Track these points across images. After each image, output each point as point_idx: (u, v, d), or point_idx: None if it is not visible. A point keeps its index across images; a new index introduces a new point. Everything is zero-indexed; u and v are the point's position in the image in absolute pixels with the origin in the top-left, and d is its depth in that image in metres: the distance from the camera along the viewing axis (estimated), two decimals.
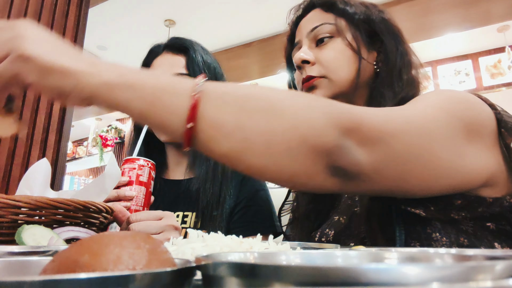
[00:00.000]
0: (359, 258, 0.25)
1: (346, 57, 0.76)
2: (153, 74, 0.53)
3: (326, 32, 0.78)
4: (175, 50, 1.01)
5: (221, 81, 1.05)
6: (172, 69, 0.98)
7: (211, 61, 1.03)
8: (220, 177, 0.94)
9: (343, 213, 0.74)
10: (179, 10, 3.60)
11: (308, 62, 0.77)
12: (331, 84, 0.76)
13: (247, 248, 0.37)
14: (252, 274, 0.18)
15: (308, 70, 0.78)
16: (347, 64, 0.76)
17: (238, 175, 0.99)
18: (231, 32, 3.93)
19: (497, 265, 0.17)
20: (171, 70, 0.97)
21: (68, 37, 2.13)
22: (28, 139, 1.89)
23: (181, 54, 1.00)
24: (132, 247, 0.21)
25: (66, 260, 0.20)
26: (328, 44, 0.77)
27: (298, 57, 0.77)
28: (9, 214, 0.48)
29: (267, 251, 0.34)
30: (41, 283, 0.15)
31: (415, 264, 0.16)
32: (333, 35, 0.77)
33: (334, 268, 0.16)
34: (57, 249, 0.30)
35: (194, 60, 0.97)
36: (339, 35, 0.77)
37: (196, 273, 0.22)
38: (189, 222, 0.93)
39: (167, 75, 0.59)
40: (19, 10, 1.95)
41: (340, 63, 0.76)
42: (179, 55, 0.99)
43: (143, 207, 0.77)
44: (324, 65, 0.76)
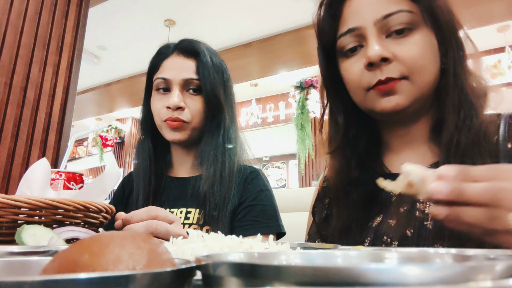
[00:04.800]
0: (359, 258, 0.25)
1: (431, 54, 0.65)
2: None
3: (404, 22, 0.64)
4: (186, 53, 1.01)
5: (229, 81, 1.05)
6: (182, 73, 0.98)
7: (219, 63, 1.04)
8: (227, 178, 0.95)
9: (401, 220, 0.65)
10: (179, 10, 3.60)
11: (387, 60, 0.64)
12: (413, 87, 0.65)
13: (247, 248, 0.37)
14: (252, 274, 0.18)
15: (386, 69, 0.64)
16: (431, 63, 0.65)
17: (243, 175, 0.99)
18: (231, 32, 3.93)
19: (497, 265, 0.17)
20: (181, 75, 0.98)
21: (68, 37, 2.13)
22: (28, 139, 1.89)
23: (191, 57, 1.00)
24: (132, 247, 0.21)
25: (66, 260, 0.20)
26: (409, 38, 0.64)
27: (378, 53, 0.63)
28: (9, 214, 0.48)
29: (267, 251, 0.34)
30: (41, 283, 0.15)
31: (415, 264, 0.16)
32: (413, 27, 0.65)
33: (334, 268, 0.16)
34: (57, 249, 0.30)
35: (205, 65, 0.98)
36: (420, 26, 0.65)
37: (196, 273, 0.22)
38: (192, 218, 0.94)
39: None
40: (19, 10, 1.95)
41: (425, 62, 0.64)
42: (189, 59, 1.00)
43: None
44: (407, 63, 0.64)
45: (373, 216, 0.70)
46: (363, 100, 0.70)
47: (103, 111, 6.46)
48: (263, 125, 6.13)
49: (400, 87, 0.64)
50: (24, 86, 1.91)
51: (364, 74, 0.67)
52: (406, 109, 0.66)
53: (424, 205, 0.65)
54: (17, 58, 1.91)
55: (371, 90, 0.67)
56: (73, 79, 2.14)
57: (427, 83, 0.65)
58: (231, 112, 1.04)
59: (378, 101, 0.67)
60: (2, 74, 1.82)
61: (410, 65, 0.63)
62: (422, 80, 0.64)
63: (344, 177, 0.75)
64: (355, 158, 0.74)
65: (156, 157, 1.04)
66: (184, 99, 0.97)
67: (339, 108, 0.77)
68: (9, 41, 1.88)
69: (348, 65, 0.70)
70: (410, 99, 0.65)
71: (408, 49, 0.64)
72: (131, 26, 3.86)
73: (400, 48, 0.64)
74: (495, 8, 3.09)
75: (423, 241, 0.61)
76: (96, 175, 7.57)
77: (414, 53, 0.63)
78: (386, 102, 0.66)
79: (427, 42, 0.65)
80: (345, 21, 0.70)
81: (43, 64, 2.01)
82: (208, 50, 1.03)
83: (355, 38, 0.68)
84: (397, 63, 0.64)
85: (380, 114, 0.69)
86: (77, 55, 2.17)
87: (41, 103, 1.96)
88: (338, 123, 0.77)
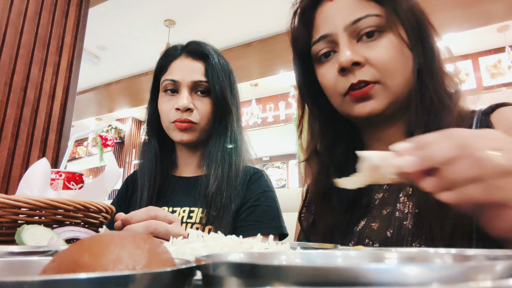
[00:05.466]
0: (359, 258, 0.25)
1: (401, 57, 0.65)
2: None
3: (373, 25, 0.65)
4: (194, 55, 1.02)
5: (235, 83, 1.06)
6: (191, 75, 0.99)
7: (226, 65, 1.05)
8: (233, 179, 0.96)
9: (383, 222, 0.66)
10: (179, 10, 3.60)
11: (359, 64, 0.65)
12: (387, 91, 0.65)
13: (247, 248, 0.37)
14: (252, 274, 0.18)
15: (358, 73, 0.65)
16: (403, 65, 0.65)
17: (246, 175, 1.00)
18: (231, 32, 3.93)
19: (497, 265, 0.17)
20: (190, 77, 0.99)
21: (68, 37, 2.13)
22: (28, 139, 1.89)
23: (200, 60, 1.01)
24: (132, 247, 0.21)
25: (66, 260, 0.20)
26: (379, 41, 0.65)
27: (349, 58, 0.64)
28: (9, 214, 0.48)
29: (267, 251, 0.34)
30: (41, 283, 0.15)
31: (415, 264, 0.16)
32: (382, 29, 0.65)
33: (334, 268, 0.16)
34: (57, 249, 0.30)
35: (213, 68, 0.99)
36: (390, 29, 0.65)
37: (196, 273, 0.22)
38: (195, 217, 0.95)
39: None
40: (19, 10, 1.95)
41: (396, 65, 0.64)
42: (198, 61, 1.01)
43: None
44: (379, 67, 0.64)
45: (357, 220, 0.70)
46: (340, 105, 0.71)
47: (103, 111, 6.46)
48: (263, 125, 6.13)
49: (374, 91, 0.65)
50: (24, 86, 1.91)
51: (338, 79, 0.68)
52: (382, 113, 0.67)
53: (403, 205, 0.65)
54: (17, 58, 1.91)
55: (346, 95, 0.67)
56: (73, 79, 2.14)
57: (400, 86, 0.65)
58: (237, 113, 1.05)
59: (354, 106, 0.68)
60: (2, 74, 1.82)
61: (381, 68, 0.64)
62: (395, 83, 0.65)
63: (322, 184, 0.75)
64: (333, 164, 0.75)
65: (161, 158, 1.05)
66: (192, 101, 0.99)
67: (315, 115, 0.79)
68: (9, 41, 1.88)
69: (323, 71, 0.71)
70: (385, 103, 0.65)
71: (379, 52, 0.64)
72: (131, 26, 3.86)
73: (370, 51, 0.65)
74: (495, 8, 3.09)
75: (402, 241, 0.61)
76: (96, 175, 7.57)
77: (384, 56, 0.64)
78: (361, 108, 0.66)
79: (397, 45, 0.65)
80: (317, 28, 0.71)
81: (43, 64, 2.01)
82: (216, 52, 1.04)
83: (328, 44, 0.69)
84: (369, 66, 0.65)
85: (357, 118, 0.70)
86: (77, 55, 2.17)
87: (41, 103, 1.96)
88: (314, 130, 0.78)
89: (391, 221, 0.64)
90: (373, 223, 0.67)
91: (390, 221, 0.64)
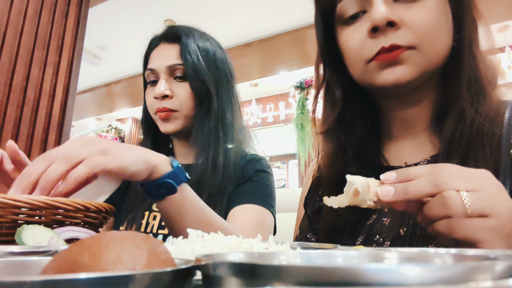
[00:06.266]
0: (359, 258, 0.25)
1: (445, 24, 0.57)
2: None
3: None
4: (170, 39, 0.98)
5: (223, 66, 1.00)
6: (166, 60, 0.95)
7: (210, 46, 0.99)
8: (221, 166, 0.91)
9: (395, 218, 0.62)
10: (179, 10, 3.60)
11: (393, 25, 0.56)
12: (422, 59, 0.57)
13: (247, 248, 0.37)
14: (252, 274, 0.18)
15: (392, 36, 0.56)
16: (444, 34, 0.57)
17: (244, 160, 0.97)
18: (231, 32, 3.93)
19: (497, 265, 0.17)
20: (165, 62, 0.95)
21: (68, 37, 2.13)
22: (28, 139, 1.89)
23: (176, 43, 0.97)
24: (132, 247, 0.21)
25: (66, 260, 0.20)
26: (421, 1, 0.56)
27: (383, 15, 0.55)
28: (9, 214, 0.48)
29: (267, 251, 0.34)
30: (41, 283, 0.15)
31: (415, 264, 0.16)
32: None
33: (334, 268, 0.16)
34: (57, 249, 0.30)
35: (187, 49, 0.94)
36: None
37: (196, 273, 0.22)
38: None
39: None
40: (19, 10, 1.95)
41: (438, 31, 0.56)
42: (174, 44, 0.97)
43: None
44: (417, 31, 0.55)
45: (368, 214, 0.66)
46: (362, 73, 0.62)
47: (103, 111, 6.46)
48: (263, 125, 6.13)
49: (407, 57, 0.56)
50: (24, 86, 1.91)
51: (366, 42, 0.59)
52: (411, 83, 0.59)
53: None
54: (17, 58, 1.91)
55: (372, 61, 0.59)
56: (73, 79, 2.14)
57: (438, 56, 0.57)
58: (226, 95, 0.98)
59: (380, 73, 0.59)
60: (2, 74, 1.82)
61: (420, 33, 0.55)
62: (432, 52, 0.56)
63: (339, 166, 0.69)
64: (351, 146, 0.69)
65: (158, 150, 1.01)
66: (171, 87, 0.94)
67: (336, 83, 0.70)
68: (9, 41, 1.88)
69: (349, 33, 0.62)
70: (417, 72, 0.57)
71: (420, 14, 0.55)
72: (131, 26, 3.86)
73: (410, 12, 0.56)
74: (495, 8, 3.09)
75: (416, 240, 0.58)
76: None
77: (426, 19, 0.55)
78: (388, 74, 0.58)
79: (442, 9, 0.57)
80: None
81: (43, 64, 2.01)
82: (196, 32, 0.99)
83: (358, 2, 0.60)
84: (405, 29, 0.56)
85: (381, 88, 0.61)
86: (77, 55, 2.18)
87: (41, 103, 1.96)
88: (335, 99, 0.70)
89: (405, 219, 0.60)
90: (385, 218, 0.63)
91: (403, 218, 0.60)
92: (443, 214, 0.40)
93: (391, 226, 0.62)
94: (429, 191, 0.41)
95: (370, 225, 0.65)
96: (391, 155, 0.71)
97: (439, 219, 0.41)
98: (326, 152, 0.73)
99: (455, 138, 0.58)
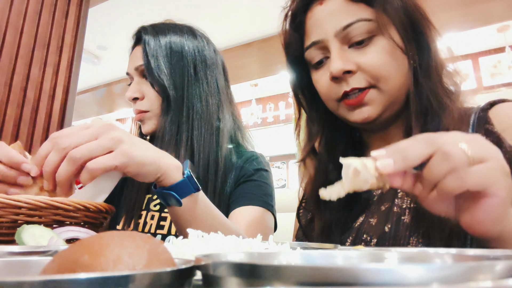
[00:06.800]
0: (359, 258, 0.25)
1: (395, 59, 0.63)
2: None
3: (364, 31, 0.63)
4: (139, 41, 0.98)
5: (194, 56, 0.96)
6: (134, 62, 0.95)
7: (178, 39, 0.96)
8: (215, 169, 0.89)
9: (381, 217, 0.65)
10: (179, 10, 3.60)
11: (350, 72, 0.64)
12: (382, 96, 0.64)
13: (247, 248, 0.37)
14: (252, 274, 0.18)
15: (351, 80, 0.64)
16: (397, 68, 0.64)
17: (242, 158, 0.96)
18: (231, 32, 3.93)
19: (497, 265, 0.17)
20: (134, 64, 0.95)
21: (68, 37, 2.13)
22: (28, 139, 1.89)
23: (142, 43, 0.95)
24: (132, 247, 0.21)
25: (66, 260, 0.20)
26: (371, 46, 0.64)
27: (339, 67, 0.63)
28: (9, 214, 0.48)
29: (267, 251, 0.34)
30: (41, 283, 0.15)
31: (415, 264, 0.16)
32: (373, 33, 0.64)
33: (334, 268, 0.16)
34: (57, 249, 0.30)
35: (146, 47, 0.92)
36: (381, 33, 0.63)
37: (196, 273, 0.22)
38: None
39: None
40: (19, 10, 1.95)
41: (390, 68, 0.63)
42: (141, 45, 0.96)
43: None
44: (371, 73, 0.63)
45: (355, 217, 0.70)
46: (336, 110, 0.70)
47: (103, 111, 6.46)
48: (263, 125, 6.13)
49: (369, 97, 0.64)
50: (24, 86, 1.91)
51: (331, 86, 0.67)
52: (378, 118, 0.66)
53: (402, 200, 0.65)
54: (17, 58, 1.91)
55: (341, 102, 0.67)
56: (73, 79, 2.14)
57: (395, 89, 0.64)
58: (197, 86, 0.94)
59: (350, 113, 0.67)
60: (2, 74, 1.82)
61: (374, 74, 0.63)
62: (389, 87, 0.63)
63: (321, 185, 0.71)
64: (333, 162, 0.74)
65: None
66: (142, 89, 0.94)
67: (312, 118, 0.78)
68: (9, 41, 1.88)
69: (318, 77, 0.70)
70: (381, 109, 0.65)
71: (371, 58, 0.63)
72: (131, 26, 3.86)
73: (362, 57, 0.63)
74: (495, 8, 3.09)
75: (400, 236, 0.61)
76: None
77: (377, 62, 0.62)
78: (357, 115, 0.66)
79: (389, 48, 0.63)
80: (308, 34, 0.70)
81: (43, 64, 2.01)
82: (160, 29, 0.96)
83: (320, 50, 0.68)
84: (361, 73, 0.63)
85: (354, 124, 0.69)
86: (77, 55, 2.18)
87: (41, 103, 1.96)
88: (312, 131, 0.77)
89: (389, 216, 0.64)
90: (372, 219, 0.67)
91: (388, 216, 0.64)
92: (448, 167, 0.39)
93: (378, 225, 0.65)
94: (427, 151, 0.41)
95: (358, 226, 0.68)
96: None
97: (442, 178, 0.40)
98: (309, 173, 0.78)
99: None
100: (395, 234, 0.61)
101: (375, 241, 0.64)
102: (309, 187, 0.78)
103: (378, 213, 0.67)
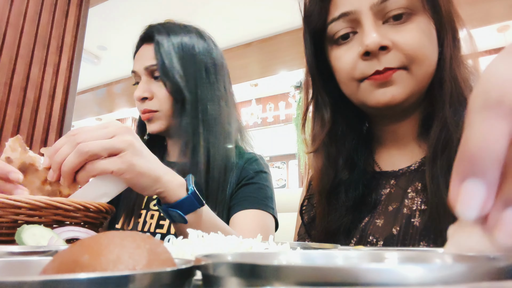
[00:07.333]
0: (359, 258, 0.25)
1: (431, 43, 0.59)
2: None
3: (403, 6, 0.58)
4: (148, 40, 0.97)
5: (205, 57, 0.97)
6: (144, 61, 0.95)
7: (189, 40, 0.96)
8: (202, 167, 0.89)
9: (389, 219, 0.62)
10: (179, 10, 3.61)
11: (385, 48, 0.58)
12: (412, 79, 0.59)
13: (247, 248, 0.37)
14: (252, 274, 0.18)
15: (384, 59, 0.58)
16: (432, 53, 0.59)
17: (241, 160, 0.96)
18: (231, 32, 3.93)
19: (497, 265, 0.17)
20: (143, 63, 0.95)
21: (68, 37, 2.13)
22: (28, 139, 1.89)
23: (153, 42, 0.95)
24: (132, 247, 0.21)
25: (66, 260, 0.20)
26: (408, 24, 0.58)
27: (376, 41, 0.57)
28: (9, 214, 0.48)
29: (267, 251, 0.34)
30: (41, 283, 0.15)
31: (415, 264, 0.16)
32: (412, 12, 0.58)
33: (334, 268, 0.16)
34: (57, 249, 0.30)
35: (160, 47, 0.92)
36: (419, 13, 0.58)
37: (196, 273, 0.22)
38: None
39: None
40: (19, 10, 1.95)
41: (427, 51, 0.59)
42: (151, 44, 0.95)
43: None
44: (408, 52, 0.58)
45: (361, 217, 0.66)
46: (354, 92, 0.64)
47: (103, 111, 6.46)
48: (263, 125, 6.13)
49: (398, 77, 0.58)
50: (24, 86, 1.91)
51: (358, 63, 0.61)
52: (402, 103, 0.61)
53: (412, 201, 0.61)
54: (17, 58, 1.91)
55: (364, 80, 0.61)
56: (73, 79, 2.14)
57: (426, 75, 0.60)
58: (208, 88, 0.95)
59: (372, 93, 0.61)
60: (2, 74, 1.83)
61: (410, 54, 0.58)
62: (422, 71, 0.59)
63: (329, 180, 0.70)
64: (342, 157, 0.70)
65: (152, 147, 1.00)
66: (151, 88, 0.94)
67: (325, 102, 0.72)
68: (9, 41, 1.88)
69: (340, 54, 0.64)
70: (408, 92, 0.59)
71: (409, 36, 0.58)
72: (131, 26, 3.86)
73: (398, 35, 0.58)
74: (495, 8, 3.09)
75: (409, 239, 0.57)
76: None
77: (415, 41, 0.57)
78: (381, 95, 0.60)
79: (427, 29, 0.59)
80: (336, 4, 0.63)
81: (43, 64, 2.01)
82: (171, 29, 0.97)
83: (348, 23, 0.62)
84: (396, 52, 0.58)
85: (373, 108, 0.64)
86: (77, 55, 2.18)
87: (41, 103, 1.96)
88: (324, 120, 0.72)
89: (398, 218, 0.60)
90: (378, 220, 0.63)
91: (396, 217, 0.61)
92: None
93: (384, 226, 0.62)
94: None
95: (363, 227, 0.65)
96: (383, 161, 0.72)
97: None
98: (316, 167, 0.74)
99: (439, 144, 0.59)
100: (403, 237, 0.58)
101: (381, 243, 0.60)
102: (316, 183, 0.74)
103: (385, 214, 0.63)
